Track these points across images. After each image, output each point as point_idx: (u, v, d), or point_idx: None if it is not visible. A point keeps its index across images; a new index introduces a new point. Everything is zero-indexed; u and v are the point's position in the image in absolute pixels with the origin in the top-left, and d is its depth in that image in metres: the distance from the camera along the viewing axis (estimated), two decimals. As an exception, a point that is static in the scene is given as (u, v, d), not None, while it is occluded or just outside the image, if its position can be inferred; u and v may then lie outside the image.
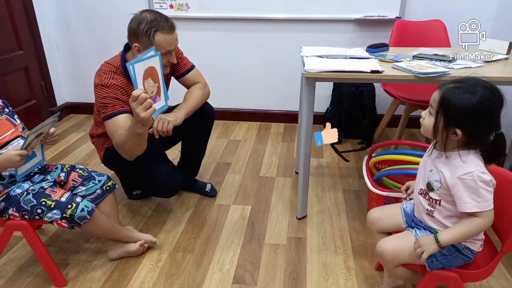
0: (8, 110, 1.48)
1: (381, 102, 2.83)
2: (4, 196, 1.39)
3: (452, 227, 1.12)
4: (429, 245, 1.10)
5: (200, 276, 1.55)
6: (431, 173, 1.15)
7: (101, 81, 1.61)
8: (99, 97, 1.61)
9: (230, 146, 2.71)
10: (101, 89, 1.61)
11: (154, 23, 1.56)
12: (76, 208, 1.40)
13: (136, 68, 1.22)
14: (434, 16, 2.55)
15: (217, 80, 3.01)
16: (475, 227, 1.07)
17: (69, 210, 1.39)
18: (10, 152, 1.27)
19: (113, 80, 1.61)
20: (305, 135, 1.73)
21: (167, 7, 2.84)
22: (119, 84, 1.62)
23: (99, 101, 1.62)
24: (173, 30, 1.62)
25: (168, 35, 1.60)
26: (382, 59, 1.83)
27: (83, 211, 1.41)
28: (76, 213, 1.39)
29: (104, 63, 1.69)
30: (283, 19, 2.80)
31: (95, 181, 1.56)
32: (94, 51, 3.06)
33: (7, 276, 1.56)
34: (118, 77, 1.64)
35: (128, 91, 1.63)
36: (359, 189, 2.16)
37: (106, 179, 1.60)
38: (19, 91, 2.81)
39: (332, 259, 1.65)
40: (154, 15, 1.59)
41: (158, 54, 1.32)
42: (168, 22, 1.60)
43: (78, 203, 1.41)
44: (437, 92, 1.09)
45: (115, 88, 1.60)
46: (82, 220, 1.41)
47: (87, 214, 1.42)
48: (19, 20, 2.74)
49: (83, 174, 1.57)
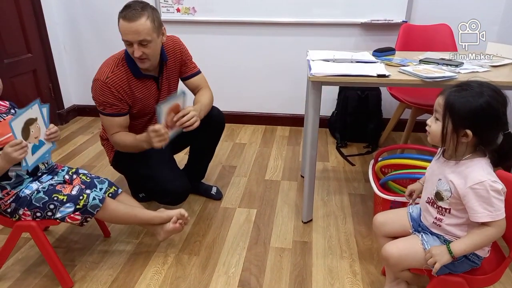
0: (14, 111, 1.50)
1: (387, 106, 2.83)
2: (13, 197, 1.41)
3: (464, 237, 1.11)
4: (441, 255, 1.09)
5: (206, 279, 1.56)
6: (440, 182, 1.14)
7: (99, 75, 1.64)
8: (96, 93, 1.65)
9: (235, 149, 2.72)
10: (100, 86, 1.63)
11: (123, 10, 1.55)
12: (88, 198, 1.42)
13: (163, 109, 1.52)
14: (441, 20, 2.55)
15: (223, 83, 3.02)
16: (488, 236, 1.06)
17: (82, 201, 1.41)
18: (4, 149, 1.28)
19: (112, 74, 1.63)
20: (311, 139, 1.74)
21: (174, 10, 2.87)
22: (117, 78, 1.64)
23: (97, 97, 1.66)
24: (132, 20, 1.50)
25: (127, 23, 1.51)
26: (389, 63, 1.83)
27: (95, 199, 1.43)
28: (88, 203, 1.42)
29: (110, 56, 1.72)
30: (289, 22, 2.81)
31: (96, 189, 1.55)
32: (101, 54, 3.04)
33: (16, 277, 1.57)
34: (118, 70, 1.65)
35: (129, 80, 1.68)
36: (365, 193, 2.16)
37: (108, 185, 1.60)
38: (27, 93, 2.84)
39: (337, 263, 1.64)
40: (132, 2, 1.57)
41: (182, 94, 1.60)
42: (133, 11, 1.51)
43: (89, 194, 1.44)
44: (441, 96, 1.09)
45: (113, 88, 1.63)
46: (94, 209, 1.43)
47: (99, 202, 1.44)
48: (28, 24, 2.78)
49: (85, 181, 1.57)
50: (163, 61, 1.77)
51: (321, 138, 2.86)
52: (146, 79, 1.74)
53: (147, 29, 1.54)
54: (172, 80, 1.86)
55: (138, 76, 1.70)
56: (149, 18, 1.55)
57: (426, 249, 1.15)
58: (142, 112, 1.80)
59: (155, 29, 1.57)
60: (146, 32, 1.54)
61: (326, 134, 2.96)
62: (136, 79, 1.71)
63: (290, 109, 3.10)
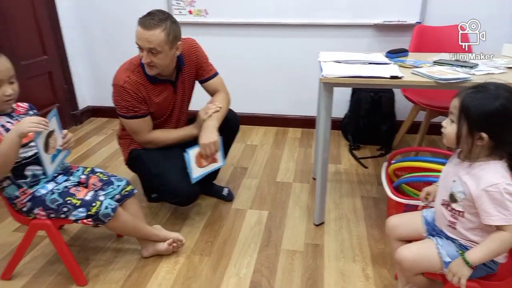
0: (32, 112, 1.53)
1: (400, 108, 2.80)
2: (29, 196, 1.44)
3: (480, 244, 1.09)
4: (461, 269, 1.07)
5: (217, 280, 1.56)
6: (454, 183, 1.13)
7: (116, 80, 1.69)
8: (117, 98, 1.71)
9: (247, 151, 2.73)
10: (119, 91, 1.68)
11: (144, 16, 1.60)
12: (100, 206, 1.44)
13: (191, 155, 1.71)
14: (456, 21, 2.49)
15: (235, 84, 3.01)
16: (504, 242, 1.04)
17: (94, 208, 1.43)
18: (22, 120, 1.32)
19: (128, 79, 1.68)
20: (322, 141, 1.73)
21: (186, 13, 2.89)
22: (134, 83, 1.68)
23: (118, 102, 1.71)
24: (148, 28, 1.56)
25: (142, 30, 1.57)
26: (402, 64, 1.81)
27: (107, 208, 1.45)
28: (100, 211, 1.43)
29: (127, 60, 1.75)
30: (302, 24, 2.80)
31: (114, 186, 1.59)
32: (115, 56, 3.11)
33: (31, 274, 1.60)
34: (134, 76, 1.69)
35: (145, 85, 1.72)
36: (378, 196, 2.14)
37: (125, 184, 1.63)
38: (43, 94, 2.90)
39: (350, 266, 1.63)
40: (156, 11, 1.62)
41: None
42: (151, 20, 1.56)
43: (102, 201, 1.46)
44: (457, 98, 1.08)
45: (131, 91, 1.68)
46: (106, 217, 1.45)
47: (111, 212, 1.46)
48: (44, 26, 2.83)
49: (102, 178, 1.60)
50: (180, 66, 1.79)
51: (334, 140, 2.84)
52: (162, 84, 1.77)
53: (159, 41, 1.58)
54: (187, 84, 1.88)
55: (153, 82, 1.74)
56: (165, 31, 1.58)
57: (441, 254, 1.13)
58: (157, 114, 1.83)
59: (168, 42, 1.61)
60: (157, 43, 1.58)
61: (339, 136, 2.94)
62: (152, 84, 1.74)
63: (302, 111, 3.09)
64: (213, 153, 1.76)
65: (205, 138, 1.72)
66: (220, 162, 1.86)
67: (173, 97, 1.84)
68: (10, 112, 1.42)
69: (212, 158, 1.80)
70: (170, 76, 1.79)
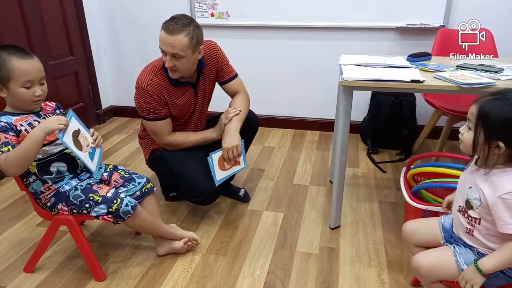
0: (59, 112, 1.58)
1: (421, 112, 2.75)
2: (54, 192, 1.49)
3: (494, 252, 1.06)
4: (474, 277, 1.05)
5: (232, 280, 1.58)
6: (470, 190, 1.10)
7: (139, 83, 1.73)
8: (139, 100, 1.74)
9: (264, 153, 2.73)
10: (142, 93, 1.72)
11: (168, 20, 1.63)
12: (121, 203, 1.48)
13: (214, 158, 1.76)
14: (481, 25, 2.44)
15: (254, 86, 3.02)
16: None
17: (115, 205, 1.47)
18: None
19: (151, 82, 1.71)
20: (340, 144, 1.72)
21: (208, 15, 2.93)
22: (156, 85, 1.72)
23: (140, 104, 1.75)
24: (171, 33, 1.58)
25: (165, 35, 1.60)
26: (424, 68, 1.78)
27: (127, 206, 1.49)
28: (121, 208, 1.47)
29: (150, 63, 1.79)
30: (322, 27, 2.80)
31: (135, 183, 1.64)
32: (138, 58, 3.21)
33: (53, 267, 1.66)
34: (156, 79, 1.73)
35: (167, 88, 1.75)
36: (396, 201, 2.10)
37: (146, 181, 1.67)
38: (69, 94, 2.99)
39: (365, 271, 1.61)
40: (179, 15, 1.64)
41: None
42: (174, 25, 1.58)
43: (123, 199, 1.50)
44: (475, 105, 1.06)
45: (153, 94, 1.71)
46: (126, 214, 1.49)
47: (131, 209, 1.49)
48: (72, 28, 2.93)
49: (124, 176, 1.65)
50: (201, 68, 1.82)
51: (352, 144, 2.82)
52: (184, 86, 1.81)
53: (182, 46, 1.60)
54: (208, 85, 1.91)
55: (175, 84, 1.77)
56: (188, 36, 1.61)
57: (458, 262, 1.11)
58: (178, 115, 1.86)
59: (191, 46, 1.63)
60: (180, 48, 1.61)
61: (357, 140, 2.91)
62: (174, 87, 1.77)
63: (320, 114, 3.08)
64: (236, 157, 1.78)
65: (228, 142, 1.75)
66: (242, 164, 1.89)
67: (194, 99, 1.87)
68: (38, 111, 1.48)
69: (234, 161, 1.83)
70: (191, 78, 1.82)
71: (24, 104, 1.40)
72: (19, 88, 1.35)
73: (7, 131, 1.33)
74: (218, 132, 1.86)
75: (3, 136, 1.31)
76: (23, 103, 1.39)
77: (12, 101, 1.40)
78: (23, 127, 1.38)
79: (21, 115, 1.41)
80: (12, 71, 1.32)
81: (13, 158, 1.30)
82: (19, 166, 1.33)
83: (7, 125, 1.34)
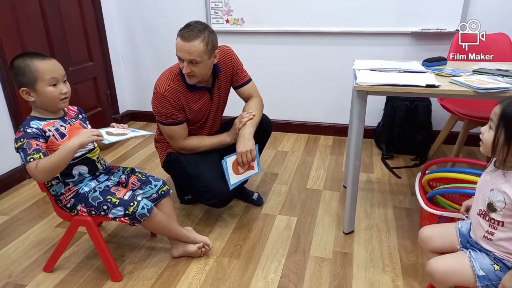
0: (81, 116, 1.64)
1: (437, 117, 2.72)
2: (74, 193, 1.53)
3: None
4: None
5: (245, 283, 1.59)
6: (492, 192, 1.09)
7: (157, 88, 1.77)
8: (157, 105, 1.78)
9: (277, 157, 2.75)
10: (160, 99, 1.76)
11: (183, 28, 1.66)
12: (137, 206, 1.51)
13: (228, 162, 1.78)
14: (498, 29, 2.42)
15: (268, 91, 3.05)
16: None
17: (131, 207, 1.50)
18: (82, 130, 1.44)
19: (169, 88, 1.75)
20: (354, 149, 1.72)
21: (223, 21, 2.98)
22: (174, 91, 1.75)
23: (158, 108, 1.78)
24: (188, 40, 1.62)
25: (182, 42, 1.63)
26: (439, 73, 1.77)
27: (143, 208, 1.52)
28: (137, 211, 1.51)
29: (167, 69, 1.83)
30: (337, 32, 2.81)
31: (151, 186, 1.67)
32: (155, 63, 3.28)
33: (71, 267, 1.70)
34: (174, 84, 1.77)
35: (184, 93, 1.78)
36: (411, 207, 2.09)
37: (162, 184, 1.71)
38: (88, 98, 3.07)
39: (379, 277, 1.60)
40: (194, 22, 1.68)
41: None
42: (190, 32, 1.62)
43: (139, 202, 1.53)
44: (499, 106, 1.06)
45: (171, 99, 1.75)
46: (142, 217, 1.52)
47: (147, 212, 1.53)
48: (91, 35, 3.02)
49: (141, 178, 1.69)
50: (217, 73, 1.86)
51: (366, 149, 2.81)
52: (200, 91, 1.84)
53: (198, 51, 1.64)
54: (223, 90, 1.94)
55: (192, 89, 1.81)
56: (204, 41, 1.64)
57: (474, 267, 1.10)
58: (194, 120, 1.90)
59: (207, 52, 1.67)
60: (197, 54, 1.64)
61: (371, 145, 2.89)
62: (191, 92, 1.81)
63: (334, 119, 3.08)
64: (249, 161, 1.80)
65: (242, 147, 1.77)
66: (256, 169, 1.90)
67: (209, 104, 1.91)
68: (63, 116, 1.54)
69: (248, 166, 1.84)
70: (207, 83, 1.86)
71: (53, 104, 1.45)
72: (47, 87, 1.41)
73: (38, 138, 1.39)
74: (232, 136, 1.89)
75: (34, 143, 1.37)
76: (52, 102, 1.44)
77: (41, 103, 1.45)
78: (51, 133, 1.44)
79: (48, 120, 1.46)
80: (37, 72, 1.38)
81: (45, 167, 1.36)
82: (49, 174, 1.41)
83: (38, 131, 1.40)
